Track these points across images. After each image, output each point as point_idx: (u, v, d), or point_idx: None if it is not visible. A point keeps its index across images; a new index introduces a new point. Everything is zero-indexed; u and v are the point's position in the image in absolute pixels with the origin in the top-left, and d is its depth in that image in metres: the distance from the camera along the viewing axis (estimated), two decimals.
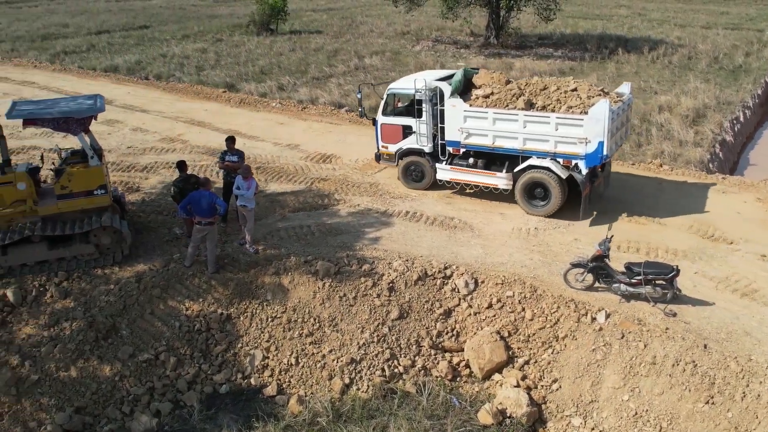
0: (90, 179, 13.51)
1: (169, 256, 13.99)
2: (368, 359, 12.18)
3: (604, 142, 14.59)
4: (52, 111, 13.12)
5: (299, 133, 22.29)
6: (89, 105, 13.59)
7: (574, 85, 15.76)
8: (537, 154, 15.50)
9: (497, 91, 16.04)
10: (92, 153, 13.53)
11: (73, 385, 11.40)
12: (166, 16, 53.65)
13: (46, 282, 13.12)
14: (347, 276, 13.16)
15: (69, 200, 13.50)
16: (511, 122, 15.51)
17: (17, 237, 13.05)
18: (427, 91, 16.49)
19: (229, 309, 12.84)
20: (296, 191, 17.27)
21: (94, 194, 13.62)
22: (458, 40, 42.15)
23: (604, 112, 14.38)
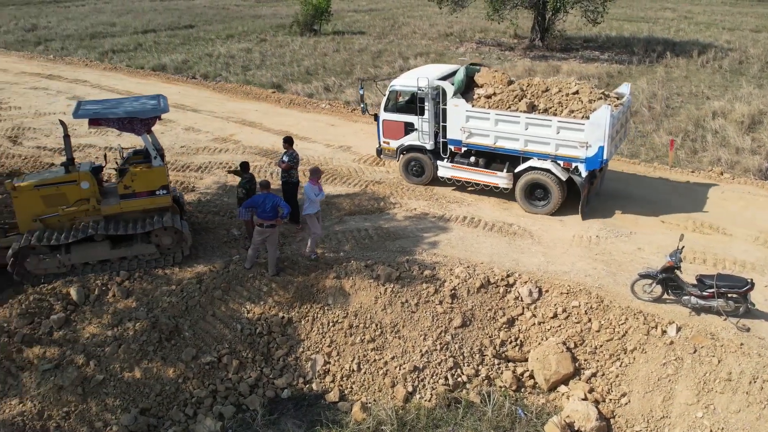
0: (153, 179, 13.53)
1: (228, 258, 13.95)
2: (431, 367, 11.98)
3: (604, 146, 14.75)
4: (117, 111, 13.15)
5: (350, 134, 22.14)
6: (153, 105, 13.60)
7: (575, 88, 15.86)
8: (538, 156, 15.68)
9: (499, 92, 16.17)
10: (155, 153, 13.55)
11: (138, 386, 11.38)
12: (210, 15, 53.97)
13: (109, 281, 13.17)
14: (408, 282, 12.98)
15: (131, 200, 13.54)
16: (513, 124, 15.63)
17: (81, 236, 13.11)
18: (429, 89, 16.57)
19: (290, 312, 12.74)
20: (351, 194, 17.14)
21: (156, 194, 13.64)
22: (502, 42, 41.75)
23: (605, 118, 14.51)
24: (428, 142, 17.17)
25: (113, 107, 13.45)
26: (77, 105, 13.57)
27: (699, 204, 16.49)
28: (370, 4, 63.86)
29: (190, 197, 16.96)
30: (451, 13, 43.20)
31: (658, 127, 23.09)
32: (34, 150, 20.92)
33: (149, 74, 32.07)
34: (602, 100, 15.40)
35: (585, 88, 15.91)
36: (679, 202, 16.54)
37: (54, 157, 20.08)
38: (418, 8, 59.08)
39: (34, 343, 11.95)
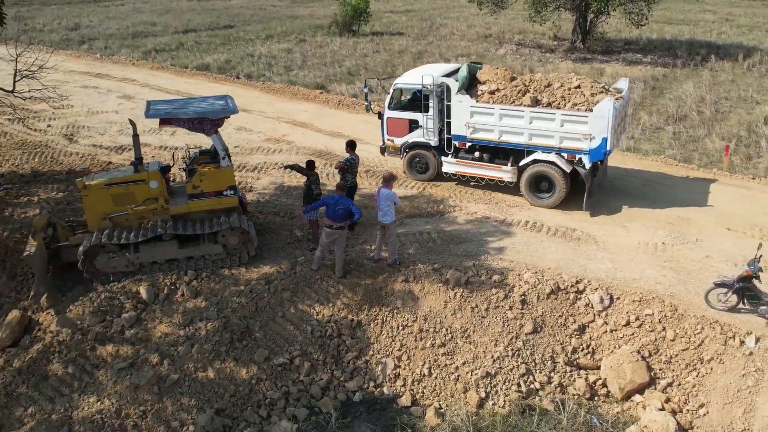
0: (221, 180, 13.56)
1: (294, 259, 13.93)
2: (503, 373, 11.85)
3: (607, 138, 15.12)
4: (188, 111, 13.19)
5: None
6: (222, 106, 13.62)
7: (577, 83, 16.20)
8: (542, 149, 16.03)
9: (503, 88, 16.47)
10: (224, 153, 13.57)
11: (212, 386, 11.38)
12: (248, 16, 54.25)
13: (177, 281, 13.21)
14: (477, 286, 12.86)
15: (199, 200, 13.57)
16: (517, 118, 15.98)
17: (150, 235, 13.17)
18: (434, 86, 16.83)
19: (359, 315, 12.68)
20: (409, 196, 17.04)
21: (224, 195, 13.66)
22: (542, 44, 41.41)
23: (608, 110, 14.91)
24: (433, 138, 17.48)
25: (183, 107, 13.50)
26: (147, 105, 13.64)
27: (762, 211, 16.14)
28: (405, 5, 63.76)
29: (248, 197, 16.99)
30: (491, 15, 42.96)
31: (709, 132, 22.72)
32: (91, 148, 21.12)
33: (195, 74, 32.26)
34: (604, 94, 15.74)
35: (586, 82, 16.26)
36: (740, 209, 16.23)
37: (110, 156, 20.25)
38: (455, 9, 58.89)
39: (107, 342, 12.02)
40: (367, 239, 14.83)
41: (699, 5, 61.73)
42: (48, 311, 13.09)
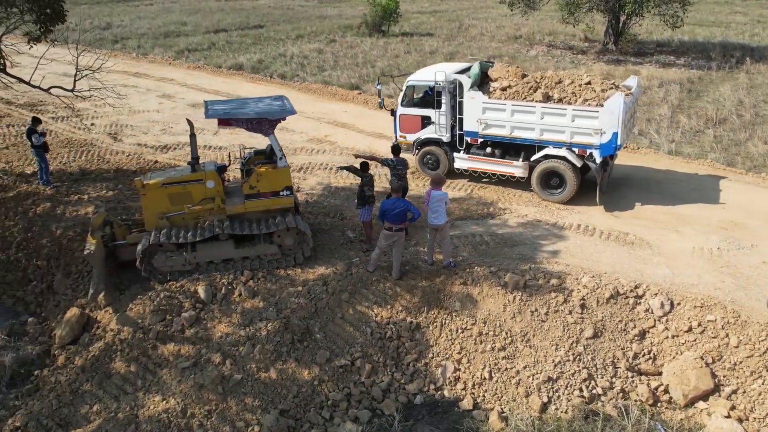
0: (277, 180, 13.58)
1: (348, 260, 13.91)
2: (565, 378, 11.75)
3: (618, 132, 15.33)
4: (247, 111, 13.22)
5: None
6: (280, 106, 13.65)
7: (587, 79, 16.49)
8: (553, 144, 16.29)
9: (514, 84, 16.79)
10: (281, 154, 13.59)
11: (274, 386, 11.38)
12: (277, 15, 54.41)
13: (234, 280, 13.24)
14: (536, 290, 12.77)
15: (256, 200, 13.60)
16: (528, 114, 16.25)
17: (207, 234, 13.22)
18: (446, 83, 17.19)
19: (418, 317, 12.63)
20: (458, 198, 16.97)
21: (280, 195, 13.69)
22: (573, 46, 41.15)
23: (619, 105, 15.15)
24: (445, 134, 17.80)
25: (241, 108, 13.53)
26: (206, 105, 13.68)
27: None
28: (432, 5, 63.68)
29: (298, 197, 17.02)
30: (522, 15, 42.77)
31: (751, 136, 22.43)
32: (136, 147, 21.25)
33: (232, 74, 32.39)
34: (614, 90, 15.98)
35: (596, 78, 16.61)
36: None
37: (156, 154, 20.35)
38: (482, 10, 58.72)
39: (168, 340, 12.07)
40: (419, 241, 14.79)
41: (729, 7, 61.07)
42: (106, 309, 13.20)
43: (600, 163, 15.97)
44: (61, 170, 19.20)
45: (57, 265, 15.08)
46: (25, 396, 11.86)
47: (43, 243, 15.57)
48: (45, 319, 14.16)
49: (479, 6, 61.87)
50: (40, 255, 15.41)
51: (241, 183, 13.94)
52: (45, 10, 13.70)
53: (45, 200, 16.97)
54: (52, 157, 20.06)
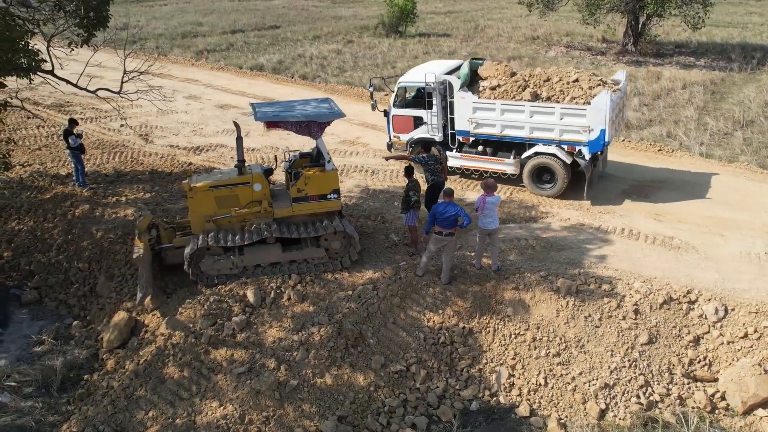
0: (325, 183, 13.48)
1: (395, 264, 13.81)
2: (621, 384, 11.63)
3: (605, 129, 15.65)
4: (296, 114, 13.13)
5: None
6: (328, 109, 13.56)
7: (575, 76, 16.75)
8: (543, 142, 16.62)
9: (503, 83, 17.01)
10: (329, 157, 13.50)
11: (331, 393, 11.29)
12: (292, 16, 54.32)
13: (282, 284, 13.14)
14: (588, 295, 12.65)
15: (303, 203, 13.51)
16: (518, 113, 16.57)
17: (256, 238, 13.13)
18: (436, 84, 17.38)
19: (470, 323, 12.53)
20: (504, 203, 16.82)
21: (327, 198, 13.59)
22: (591, 47, 40.97)
23: (605, 103, 15.42)
24: (437, 134, 18.04)
25: (289, 110, 13.44)
26: (253, 108, 13.58)
27: None
28: (446, 6, 63.48)
29: None
30: (540, 16, 42.62)
31: None
32: (168, 149, 21.19)
33: (255, 75, 32.31)
34: (601, 87, 16.29)
35: (584, 75, 16.83)
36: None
37: (188, 156, 20.28)
38: (496, 10, 58.58)
39: (220, 345, 11.98)
40: (464, 245, 14.69)
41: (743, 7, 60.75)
42: (153, 313, 13.12)
43: (589, 159, 16.28)
44: (96, 172, 19.14)
45: (99, 268, 15.01)
46: (77, 401, 11.78)
47: (84, 245, 15.51)
48: (90, 322, 14.09)
49: (492, 6, 61.71)
50: (82, 257, 15.34)
51: (288, 186, 13.83)
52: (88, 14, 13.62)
53: (83, 202, 16.91)
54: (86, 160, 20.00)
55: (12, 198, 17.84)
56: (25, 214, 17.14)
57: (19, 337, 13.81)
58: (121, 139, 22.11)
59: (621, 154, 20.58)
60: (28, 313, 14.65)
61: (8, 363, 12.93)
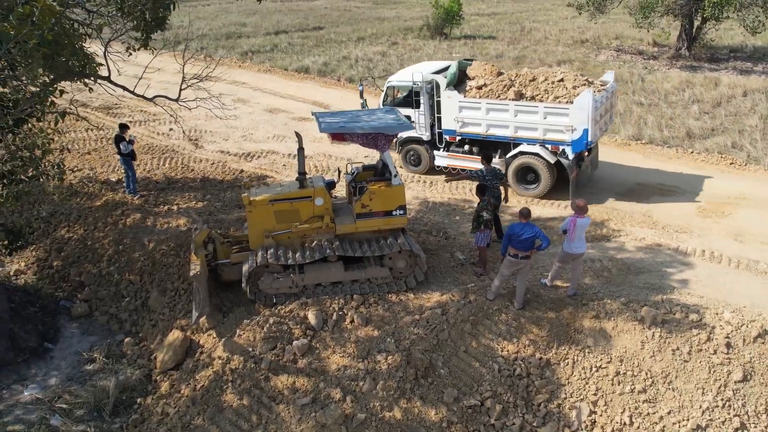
0: (391, 198, 12.73)
1: (463, 286, 13.00)
2: (714, 426, 10.65)
3: (588, 129, 15.57)
4: (363, 126, 12.40)
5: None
6: (395, 120, 12.80)
7: (560, 76, 16.75)
8: (527, 141, 16.66)
9: (489, 83, 17.10)
10: (395, 171, 12.75)
11: (400, 427, 10.50)
12: (335, 17, 53.76)
13: (344, 305, 12.42)
14: (675, 326, 11.69)
15: (367, 219, 12.79)
16: (502, 112, 16.65)
17: (318, 256, 12.43)
18: (424, 83, 17.63)
19: (547, 353, 11.65)
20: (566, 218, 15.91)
21: (393, 215, 12.84)
22: (642, 51, 39.67)
23: (588, 102, 15.34)
24: (425, 133, 18.35)
25: (355, 121, 12.72)
26: (317, 119, 12.89)
27: None
28: (490, 7, 62.44)
29: None
30: (590, 19, 41.45)
31: None
32: (219, 155, 20.66)
33: (303, 77, 31.73)
34: (586, 86, 16.25)
35: (570, 75, 16.80)
36: None
37: (240, 163, 19.69)
38: (542, 12, 57.39)
39: (281, 371, 11.28)
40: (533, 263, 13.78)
41: None
42: (209, 333, 12.50)
43: (573, 159, 16.19)
44: (147, 178, 18.66)
45: (151, 281, 14.47)
46: (131, 427, 11.20)
47: (135, 257, 14.99)
48: (142, 339, 13.54)
49: (537, 8, 60.51)
50: (133, 269, 14.82)
51: (351, 200, 13.11)
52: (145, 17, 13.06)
53: (134, 211, 16.41)
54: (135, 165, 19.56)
55: (61, 204, 17.42)
56: (74, 221, 16.71)
57: (69, 354, 13.32)
58: (170, 143, 21.63)
59: (692, 167, 19.55)
60: (78, 327, 14.17)
61: (59, 382, 12.43)
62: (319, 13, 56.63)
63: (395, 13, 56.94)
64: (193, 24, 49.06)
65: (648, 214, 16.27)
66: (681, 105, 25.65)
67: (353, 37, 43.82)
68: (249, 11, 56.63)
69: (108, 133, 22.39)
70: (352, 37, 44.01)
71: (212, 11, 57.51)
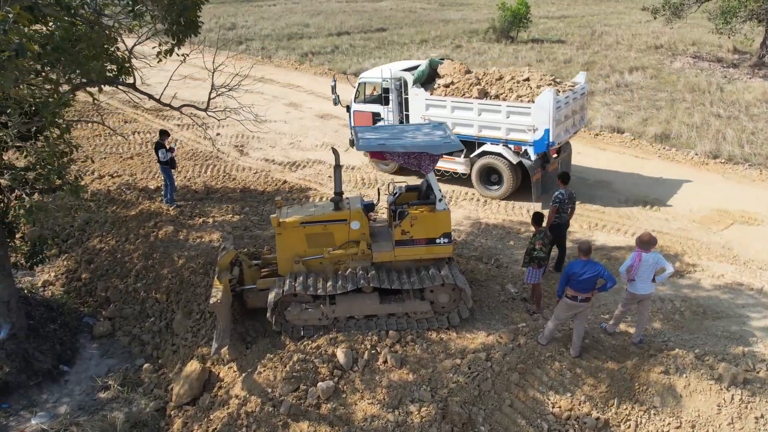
0: (435, 225, 11.42)
1: (513, 326, 11.58)
2: None
3: (549, 129, 15.24)
4: (405, 143, 11.14)
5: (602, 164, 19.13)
6: (442, 137, 11.48)
7: (527, 75, 16.60)
8: (491, 141, 16.40)
9: (457, 81, 16.88)
10: (441, 195, 11.42)
11: None
12: (400, 18, 52.59)
13: (378, 343, 11.16)
14: (759, 387, 9.99)
15: (408, 247, 11.51)
16: (467, 110, 16.37)
17: (351, 287, 11.22)
18: (393, 80, 17.41)
19: (606, 412, 10.11)
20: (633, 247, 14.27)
21: (436, 243, 11.52)
22: (721, 58, 37.10)
23: (549, 101, 15.05)
24: None
25: (397, 138, 11.47)
26: (356, 134, 11.71)
27: None
28: (560, 10, 60.24)
29: None
30: (666, 24, 39.16)
31: None
32: (263, 163, 19.71)
33: None
34: (551, 86, 15.92)
35: (536, 75, 16.62)
36: None
37: (284, 173, 18.64)
38: (614, 16, 54.96)
39: (302, 417, 10.09)
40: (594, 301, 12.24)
41: None
42: (230, 365, 11.43)
43: (535, 160, 15.87)
44: (186, 186, 17.83)
45: (177, 301, 13.56)
46: None
47: (163, 273, 14.11)
48: (161, 366, 12.60)
49: (610, 11, 58.05)
50: (160, 287, 13.94)
51: (390, 225, 11.85)
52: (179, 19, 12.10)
53: (167, 223, 15.55)
54: (176, 172, 18.81)
55: (97, 212, 16.76)
56: (108, 231, 15.98)
57: (85, 378, 12.50)
58: (215, 150, 20.82)
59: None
60: (98, 348, 13.35)
61: (69, 410, 11.58)
62: (383, 14, 55.57)
63: (461, 15, 55.41)
64: (257, 24, 48.76)
65: (728, 246, 14.49)
66: (764, 118, 23.47)
67: (416, 39, 42.62)
68: (313, 12, 56.01)
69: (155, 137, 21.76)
70: (415, 39, 42.81)
71: (277, 11, 57.13)
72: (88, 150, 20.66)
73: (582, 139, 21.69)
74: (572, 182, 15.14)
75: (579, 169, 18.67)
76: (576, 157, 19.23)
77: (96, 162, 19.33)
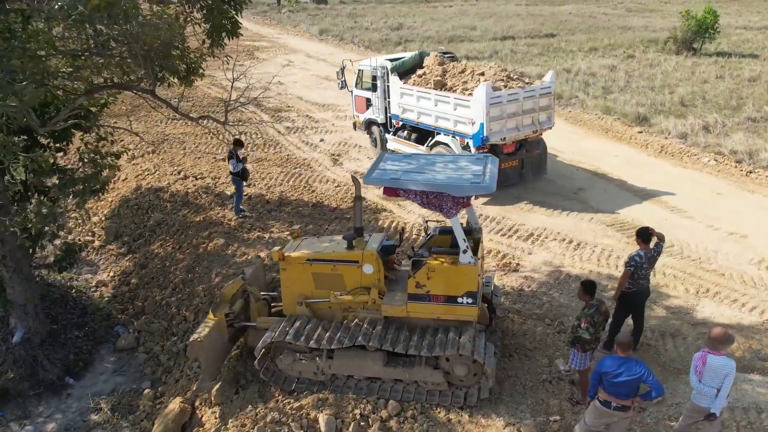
0: (456, 281, 9.34)
1: (544, 418, 9.22)
2: None
3: (484, 123, 15.14)
4: (422, 180, 9.18)
5: (747, 213, 15.45)
6: (475, 175, 9.32)
7: (483, 70, 16.63)
8: (444, 132, 16.57)
9: (429, 72, 17.20)
10: (465, 246, 9.28)
11: None
12: (575, 24, 49.09)
13: (370, 414, 9.34)
14: None
15: (422, 303, 9.55)
16: (427, 100, 16.61)
17: (348, 343, 9.48)
18: (379, 68, 18.10)
19: None
20: (741, 326, 11.17)
21: (458, 302, 9.44)
22: None
23: (483, 95, 14.97)
24: (380, 115, 18.79)
25: (418, 171, 9.53)
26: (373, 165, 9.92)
27: None
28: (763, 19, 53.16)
29: (511, 282, 12.58)
30: None
31: None
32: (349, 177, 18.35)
33: None
34: (502, 82, 16.06)
35: (492, 70, 16.60)
36: None
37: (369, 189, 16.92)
38: None
39: None
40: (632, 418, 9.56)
41: None
42: (213, 410, 10.13)
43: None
44: (260, 196, 16.86)
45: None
46: None
47: (197, 290, 13.19)
48: (162, 394, 11.61)
49: None
50: (191, 305, 13.03)
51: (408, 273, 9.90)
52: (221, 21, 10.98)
53: (221, 235, 14.66)
54: (260, 178, 17.94)
55: (171, 214, 16.30)
56: (171, 236, 15.41)
57: (87, 395, 11.82)
58: (310, 157, 19.78)
59: None
60: (115, 362, 12.69)
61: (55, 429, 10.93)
62: (560, 18, 52.28)
63: (645, 22, 50.74)
64: (424, 25, 47.68)
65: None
66: None
67: (585, 47, 39.38)
68: (486, 14, 53.98)
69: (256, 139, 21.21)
70: (584, 46, 39.57)
71: (451, 13, 55.75)
72: (188, 148, 20.50)
73: (730, 176, 18.05)
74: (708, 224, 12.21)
75: (709, 217, 15.36)
76: (715, 199, 15.94)
77: (188, 162, 19.03)
